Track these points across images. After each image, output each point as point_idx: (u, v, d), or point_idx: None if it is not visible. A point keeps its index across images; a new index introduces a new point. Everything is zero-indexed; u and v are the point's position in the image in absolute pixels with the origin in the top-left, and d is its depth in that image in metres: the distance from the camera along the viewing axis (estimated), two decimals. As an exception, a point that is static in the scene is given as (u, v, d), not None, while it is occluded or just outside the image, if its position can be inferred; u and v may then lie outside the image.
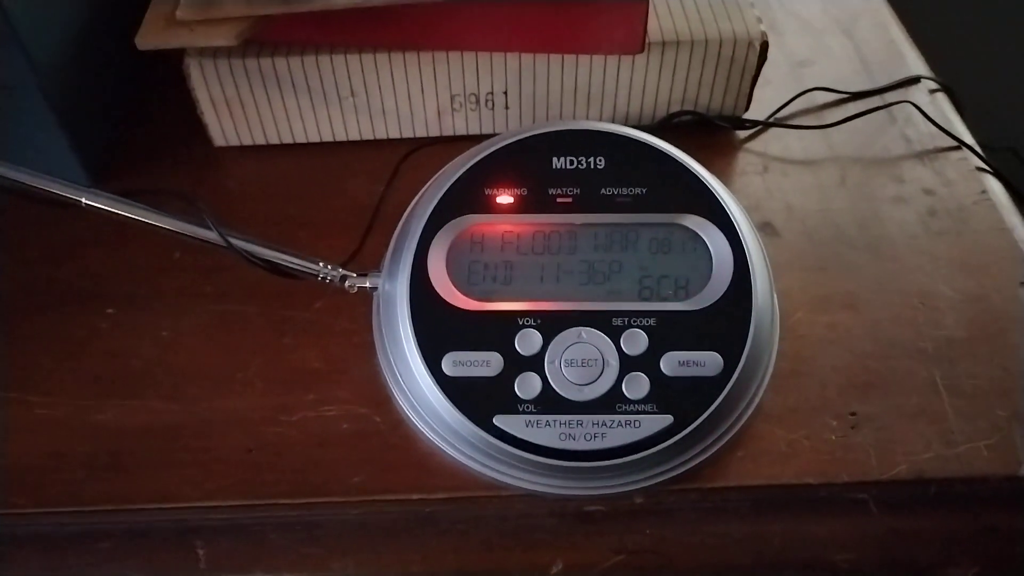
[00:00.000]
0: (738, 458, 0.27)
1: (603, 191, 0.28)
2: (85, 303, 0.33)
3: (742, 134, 0.40)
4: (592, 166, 0.28)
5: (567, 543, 0.27)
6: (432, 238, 0.27)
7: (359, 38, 0.35)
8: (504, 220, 0.28)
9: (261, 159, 0.39)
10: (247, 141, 0.39)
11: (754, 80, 0.38)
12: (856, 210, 0.36)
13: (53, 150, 0.36)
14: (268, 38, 0.33)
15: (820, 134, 0.40)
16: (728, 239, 0.27)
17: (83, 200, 0.28)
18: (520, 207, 0.28)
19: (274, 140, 0.39)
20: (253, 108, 0.37)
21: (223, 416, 0.30)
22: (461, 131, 0.39)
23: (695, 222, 0.28)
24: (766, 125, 0.39)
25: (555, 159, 0.28)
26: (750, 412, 0.27)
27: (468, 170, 0.28)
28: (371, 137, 0.39)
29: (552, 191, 0.28)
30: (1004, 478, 0.28)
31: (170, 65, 0.36)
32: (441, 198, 0.28)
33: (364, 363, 0.30)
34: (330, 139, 0.39)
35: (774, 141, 0.40)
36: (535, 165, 0.28)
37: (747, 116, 0.40)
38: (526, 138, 0.28)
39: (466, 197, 0.28)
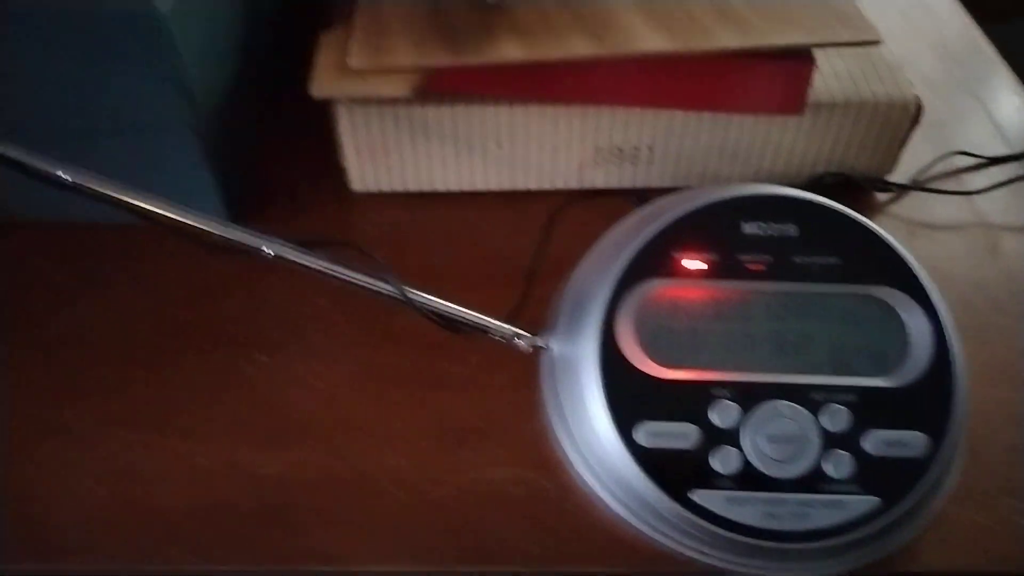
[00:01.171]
0: (937, 542, 0.26)
1: (795, 259, 0.27)
2: (232, 348, 0.33)
3: (883, 196, 0.39)
4: (783, 233, 0.27)
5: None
6: (619, 301, 0.27)
7: (515, 90, 0.34)
8: (693, 286, 0.27)
9: (400, 206, 0.38)
10: (385, 187, 0.38)
11: (903, 143, 0.38)
12: (1012, 279, 0.35)
13: (198, 191, 0.36)
14: (432, 89, 0.33)
15: (964, 199, 0.39)
16: (924, 312, 0.27)
17: (265, 248, 0.27)
18: (710, 273, 0.27)
19: (413, 187, 0.38)
20: (397, 155, 0.37)
21: (386, 473, 0.29)
22: (600, 184, 0.38)
23: (889, 294, 0.27)
24: (912, 189, 0.39)
25: (745, 224, 0.27)
26: (947, 494, 0.26)
27: (657, 233, 0.27)
28: (510, 188, 0.39)
29: (742, 257, 0.27)
30: None
31: (302, 107, 0.36)
32: (629, 261, 0.27)
33: (527, 423, 0.30)
34: (469, 188, 0.38)
35: (916, 204, 0.39)
36: (724, 230, 0.27)
37: (889, 178, 0.39)
38: (715, 202, 0.28)
39: (652, 260, 0.27)
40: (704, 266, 0.27)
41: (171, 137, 0.34)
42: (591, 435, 0.26)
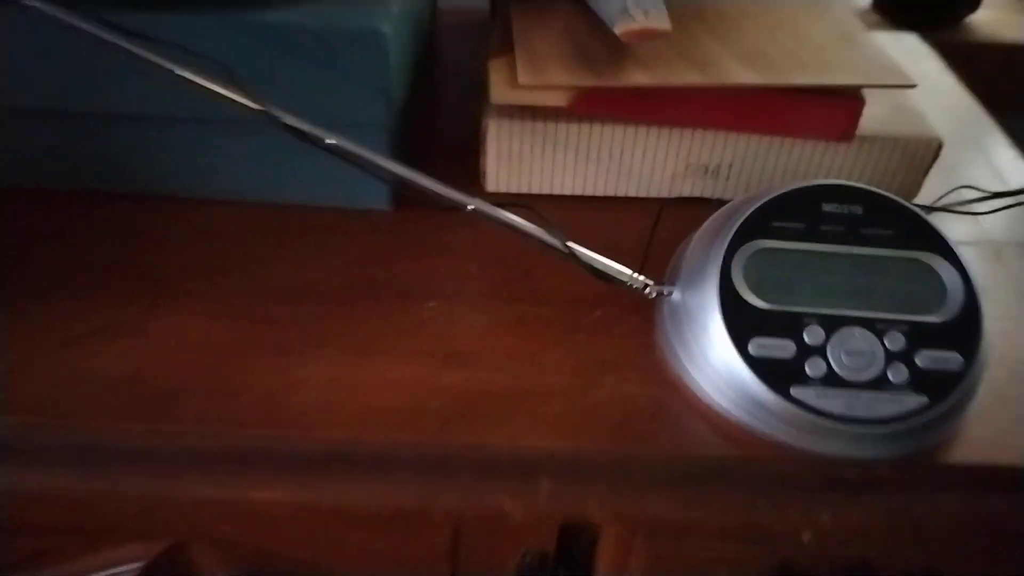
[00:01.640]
0: (973, 438, 0.35)
1: (861, 230, 0.37)
2: (407, 298, 0.42)
3: (909, 215, 0.49)
4: (852, 212, 0.37)
5: (832, 499, 0.34)
6: (732, 256, 0.36)
7: (634, 111, 0.44)
8: (788, 245, 0.36)
9: (525, 205, 0.48)
10: (513, 189, 0.48)
11: (925, 173, 0.48)
12: (1011, 278, 0.45)
13: (372, 180, 0.45)
14: (575, 107, 0.43)
15: (972, 220, 0.49)
16: (957, 271, 0.36)
17: (468, 205, 0.36)
18: (799, 236, 0.36)
19: (535, 190, 0.48)
20: (528, 162, 0.47)
21: (544, 388, 0.37)
22: (687, 194, 0.48)
23: (929, 258, 0.36)
24: (932, 209, 0.49)
25: (824, 204, 0.37)
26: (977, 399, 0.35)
27: (759, 207, 0.37)
28: (613, 194, 0.48)
29: (822, 226, 0.37)
30: None
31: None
32: (738, 227, 0.36)
33: (648, 358, 0.38)
34: (580, 193, 0.48)
35: (935, 222, 0.49)
36: (809, 207, 0.37)
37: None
38: (803, 188, 0.37)
39: (756, 226, 0.37)
40: (795, 230, 0.36)
41: (366, 135, 0.43)
42: (713, 352, 0.35)
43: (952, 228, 0.48)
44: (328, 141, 0.35)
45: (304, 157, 0.38)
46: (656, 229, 0.45)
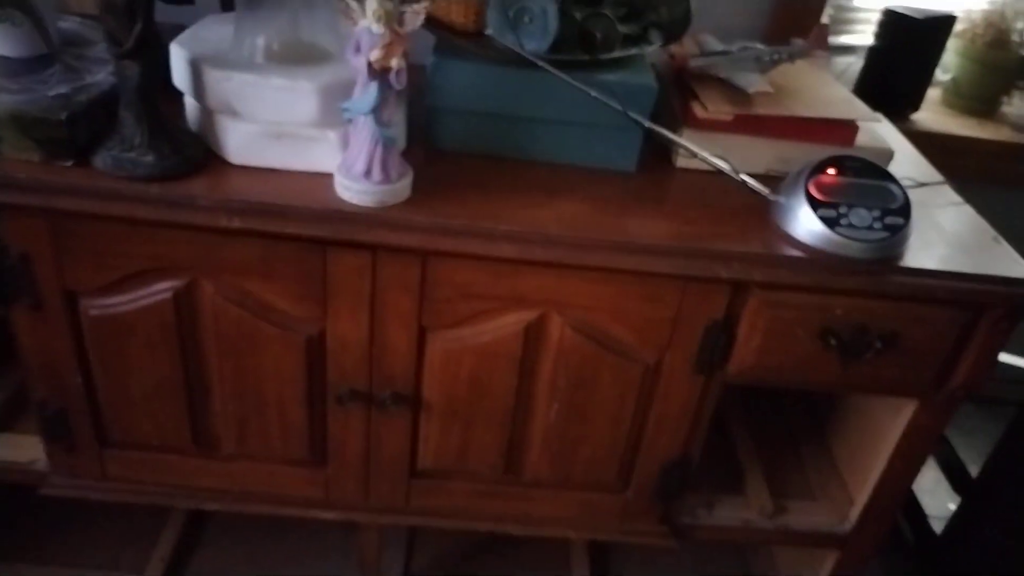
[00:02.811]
0: (911, 252, 0.85)
1: (862, 172, 0.86)
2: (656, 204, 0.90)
3: (880, 188, 1.00)
4: (857, 165, 0.87)
5: (851, 280, 0.83)
6: (808, 182, 0.85)
7: (753, 129, 0.94)
8: (831, 179, 0.86)
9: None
10: (684, 165, 0.97)
11: (887, 164, 0.98)
12: (938, 227, 0.95)
13: (629, 150, 0.94)
14: (731, 126, 0.93)
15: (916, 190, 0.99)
16: (902, 191, 0.86)
17: (681, 142, 0.86)
18: (837, 174, 0.86)
19: (691, 167, 0.97)
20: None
21: (720, 231, 0.86)
22: (775, 172, 0.98)
23: (893, 186, 0.86)
24: (893, 178, 0.99)
25: (846, 160, 0.87)
26: (909, 241, 0.85)
27: (818, 161, 0.87)
28: (743, 170, 0.98)
29: (845, 165, 0.86)
30: None
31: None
32: (812, 167, 0.86)
33: (761, 234, 0.87)
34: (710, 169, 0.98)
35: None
36: (839, 162, 0.87)
37: (882, 181, 1.00)
38: (833, 156, 0.87)
39: (817, 169, 0.86)
40: (833, 172, 0.86)
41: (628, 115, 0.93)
42: (804, 217, 0.84)
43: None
44: (646, 124, 0.85)
45: (598, 140, 0.87)
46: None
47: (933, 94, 1.53)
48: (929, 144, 1.28)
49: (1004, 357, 1.56)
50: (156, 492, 1.03)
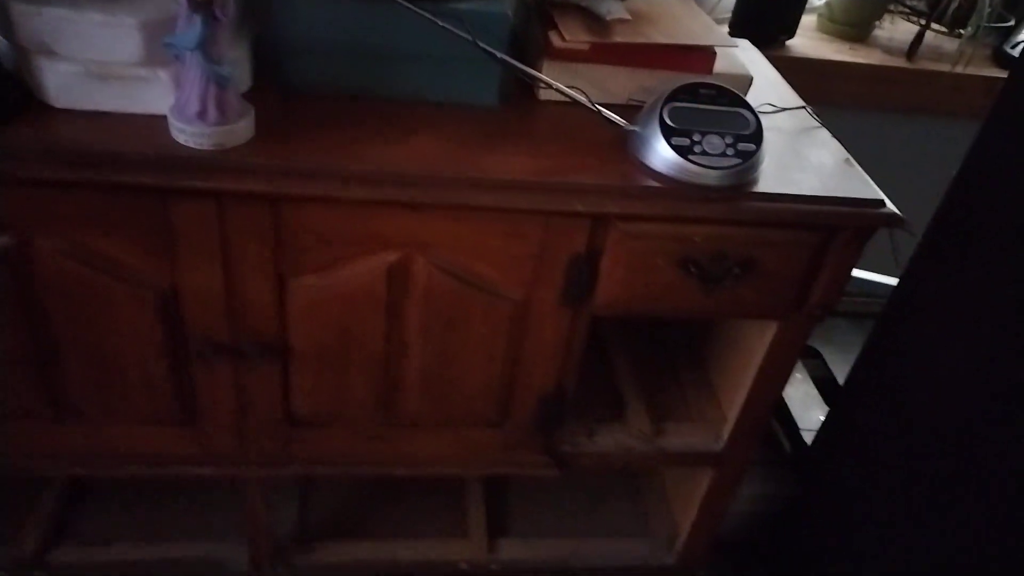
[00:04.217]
0: (763, 180, 0.86)
1: (717, 99, 0.87)
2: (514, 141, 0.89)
3: (740, 115, 1.01)
4: (712, 93, 0.87)
5: (706, 208, 0.84)
6: (664, 109, 0.85)
7: (615, 59, 0.93)
8: (685, 105, 0.86)
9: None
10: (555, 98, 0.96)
11: (746, 90, 0.99)
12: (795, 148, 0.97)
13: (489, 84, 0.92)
14: (589, 55, 0.92)
15: (770, 116, 1.01)
16: (755, 117, 0.87)
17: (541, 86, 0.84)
18: (689, 101, 0.86)
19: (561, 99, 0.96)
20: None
21: (577, 164, 0.85)
22: (635, 102, 0.97)
23: (747, 112, 0.87)
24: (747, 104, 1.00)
25: (701, 90, 0.87)
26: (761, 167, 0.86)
27: (672, 89, 0.86)
28: (599, 101, 0.97)
29: (701, 92, 0.86)
30: (840, 196, 0.87)
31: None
32: (664, 98, 0.86)
33: (618, 165, 0.87)
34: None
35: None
36: (693, 90, 0.87)
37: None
38: (689, 83, 0.87)
39: (671, 96, 0.86)
40: (687, 100, 0.86)
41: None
42: (658, 147, 0.84)
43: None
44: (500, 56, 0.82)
45: (457, 74, 0.85)
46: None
47: (808, 20, 1.55)
48: (803, 70, 1.30)
49: (866, 274, 1.64)
50: (18, 462, 0.98)
